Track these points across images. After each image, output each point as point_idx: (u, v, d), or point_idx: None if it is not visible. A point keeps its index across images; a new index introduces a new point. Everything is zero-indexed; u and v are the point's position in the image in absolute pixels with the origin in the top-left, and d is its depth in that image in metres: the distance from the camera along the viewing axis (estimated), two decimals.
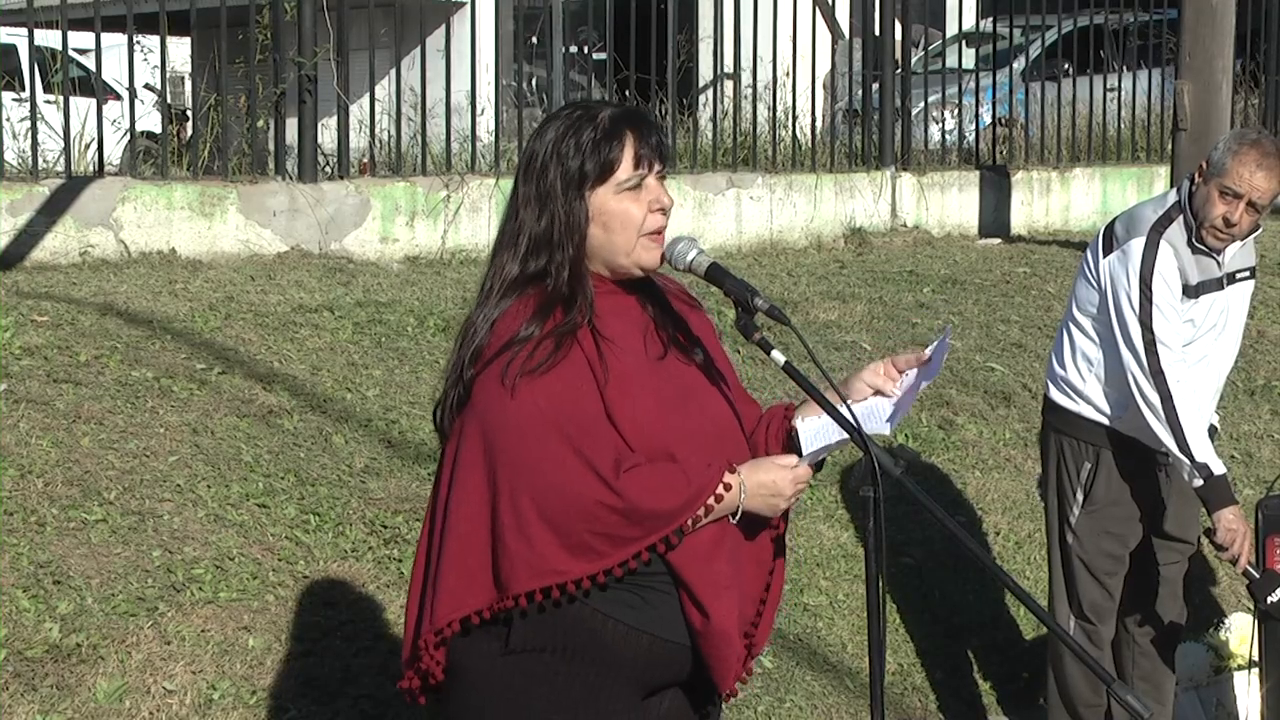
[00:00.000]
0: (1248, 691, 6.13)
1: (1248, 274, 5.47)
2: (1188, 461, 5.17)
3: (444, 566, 3.27)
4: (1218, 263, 5.32)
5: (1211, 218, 5.21)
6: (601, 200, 3.29)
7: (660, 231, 3.36)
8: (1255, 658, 5.88)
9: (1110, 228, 5.42)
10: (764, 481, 3.31)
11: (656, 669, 3.32)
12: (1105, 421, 5.43)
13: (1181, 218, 5.29)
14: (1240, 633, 6.25)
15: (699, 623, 3.28)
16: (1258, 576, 5.31)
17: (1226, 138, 5.28)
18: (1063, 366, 5.51)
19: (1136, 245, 5.27)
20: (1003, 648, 6.40)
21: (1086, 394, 5.44)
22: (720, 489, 3.25)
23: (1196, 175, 5.28)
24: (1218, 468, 5.17)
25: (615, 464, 3.19)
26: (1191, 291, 5.27)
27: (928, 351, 3.48)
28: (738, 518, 3.30)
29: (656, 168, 3.34)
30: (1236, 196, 5.17)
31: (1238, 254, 5.37)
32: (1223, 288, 5.35)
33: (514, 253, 3.31)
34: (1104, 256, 5.36)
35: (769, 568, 3.44)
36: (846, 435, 3.33)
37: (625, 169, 3.30)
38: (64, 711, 4.80)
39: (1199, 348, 5.35)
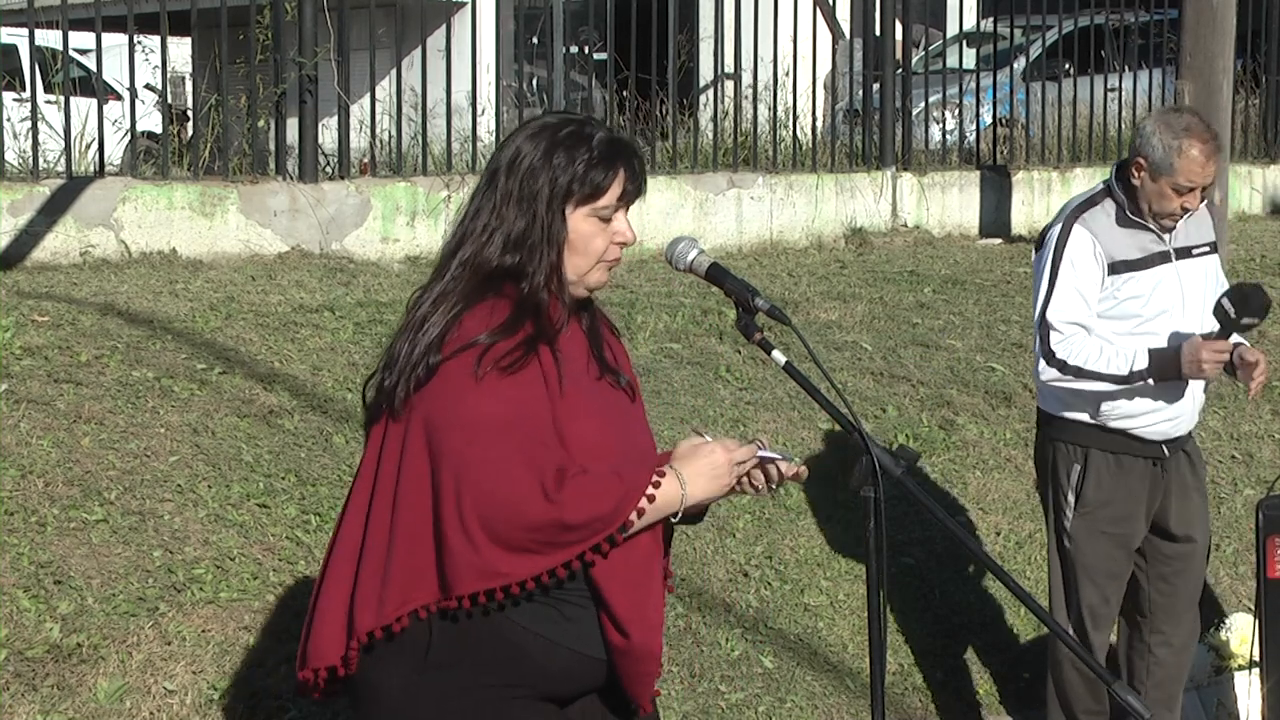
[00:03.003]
0: (1248, 691, 6.12)
1: (1207, 249, 5.48)
2: (1128, 383, 5.23)
3: (394, 560, 3.25)
4: (1158, 236, 5.34)
5: (1169, 210, 5.30)
6: (576, 220, 3.33)
7: (615, 261, 3.40)
8: (1255, 658, 5.88)
9: (1046, 227, 5.49)
10: (700, 466, 3.31)
11: (573, 682, 3.33)
12: (1087, 419, 5.43)
13: (1109, 198, 5.37)
14: (1240, 633, 6.24)
15: (619, 642, 3.28)
16: (1231, 309, 5.24)
17: (1159, 130, 5.26)
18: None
19: (1052, 235, 5.39)
20: (1003, 648, 6.40)
21: (1063, 395, 5.45)
22: (655, 478, 3.25)
23: (1136, 170, 5.30)
24: (1141, 360, 5.22)
25: (559, 475, 3.19)
26: (1122, 267, 5.32)
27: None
28: (679, 516, 3.29)
29: (630, 204, 3.38)
30: (1190, 190, 5.25)
31: (1185, 228, 5.39)
32: (1170, 261, 5.36)
33: (489, 243, 3.31)
34: (1034, 255, 5.48)
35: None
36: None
37: (609, 198, 3.34)
38: (64, 711, 4.80)
39: (1161, 325, 5.33)
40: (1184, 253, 5.38)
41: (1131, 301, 5.30)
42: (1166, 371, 5.23)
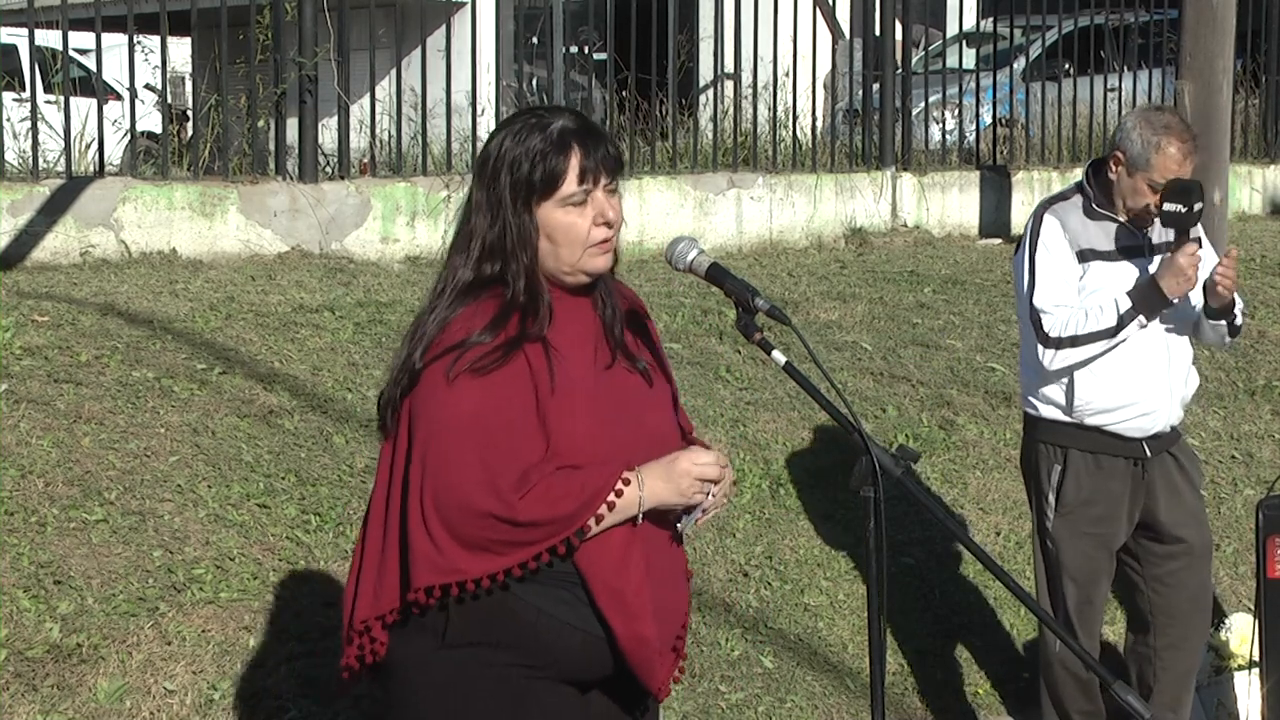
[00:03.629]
0: (1248, 692, 6.12)
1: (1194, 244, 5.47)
2: (1122, 331, 5.23)
3: (389, 555, 3.32)
4: (1131, 231, 5.35)
5: (1142, 206, 5.32)
6: (547, 214, 3.31)
7: (606, 242, 3.36)
8: (1255, 658, 5.88)
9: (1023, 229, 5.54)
10: (661, 473, 3.30)
11: (589, 664, 3.34)
12: (1063, 418, 5.43)
13: (1079, 193, 5.42)
14: (1240, 633, 6.24)
15: (618, 628, 3.30)
16: (1179, 206, 5.21)
17: (1139, 125, 5.30)
18: (1024, 373, 5.57)
19: (1026, 230, 5.45)
20: (1002, 648, 6.40)
21: (1042, 394, 5.46)
22: (620, 484, 3.26)
23: (1114, 164, 5.33)
24: (1124, 303, 5.24)
25: (521, 479, 3.21)
26: (1090, 255, 5.34)
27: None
28: (640, 520, 3.30)
29: (604, 181, 3.34)
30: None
31: None
32: (1145, 255, 5.38)
33: (466, 257, 3.34)
34: (1014, 256, 5.53)
35: (685, 580, 3.48)
36: None
37: (570, 184, 3.31)
38: (64, 711, 4.81)
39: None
40: (1165, 248, 5.37)
41: (1100, 293, 5.31)
42: (1152, 301, 5.24)
